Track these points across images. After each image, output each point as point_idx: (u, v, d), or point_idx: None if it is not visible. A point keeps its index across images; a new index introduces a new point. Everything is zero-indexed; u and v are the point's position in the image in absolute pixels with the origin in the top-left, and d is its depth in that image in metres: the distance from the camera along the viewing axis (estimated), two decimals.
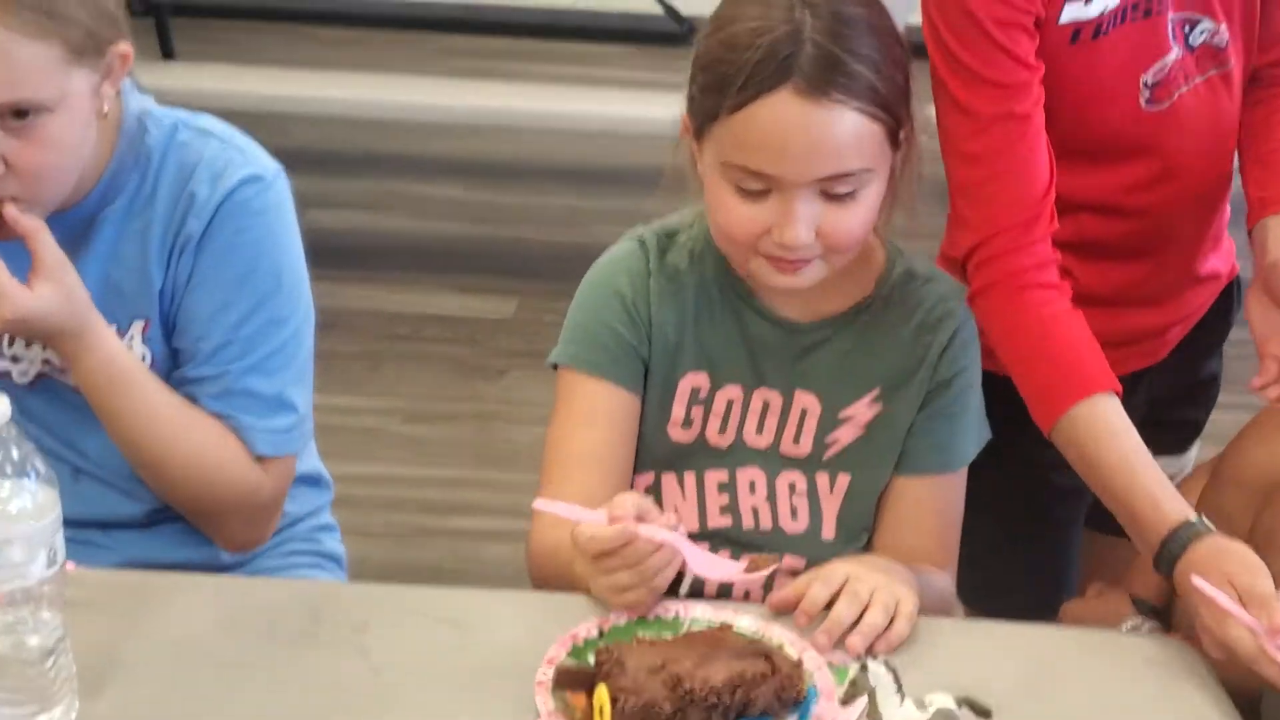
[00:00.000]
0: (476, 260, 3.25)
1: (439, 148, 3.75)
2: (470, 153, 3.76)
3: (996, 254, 1.13)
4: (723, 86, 1.04)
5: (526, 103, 3.24)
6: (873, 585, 1.01)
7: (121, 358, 1.11)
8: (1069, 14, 1.16)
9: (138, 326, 1.15)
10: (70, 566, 0.90)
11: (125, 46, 1.07)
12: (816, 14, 1.03)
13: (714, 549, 1.13)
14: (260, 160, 1.16)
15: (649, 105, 2.06)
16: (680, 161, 1.14)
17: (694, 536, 1.08)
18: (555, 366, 1.19)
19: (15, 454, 0.84)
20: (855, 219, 1.05)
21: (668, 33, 3.22)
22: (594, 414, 1.17)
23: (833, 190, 1.04)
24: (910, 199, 1.13)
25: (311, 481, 1.33)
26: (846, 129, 1.03)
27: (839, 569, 1.02)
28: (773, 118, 1.02)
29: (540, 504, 1.05)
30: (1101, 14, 1.18)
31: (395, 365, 2.71)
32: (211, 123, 1.17)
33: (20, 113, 1.00)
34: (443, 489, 2.33)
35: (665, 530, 0.98)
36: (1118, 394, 1.11)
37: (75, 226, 1.11)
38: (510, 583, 1.63)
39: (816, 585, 1.00)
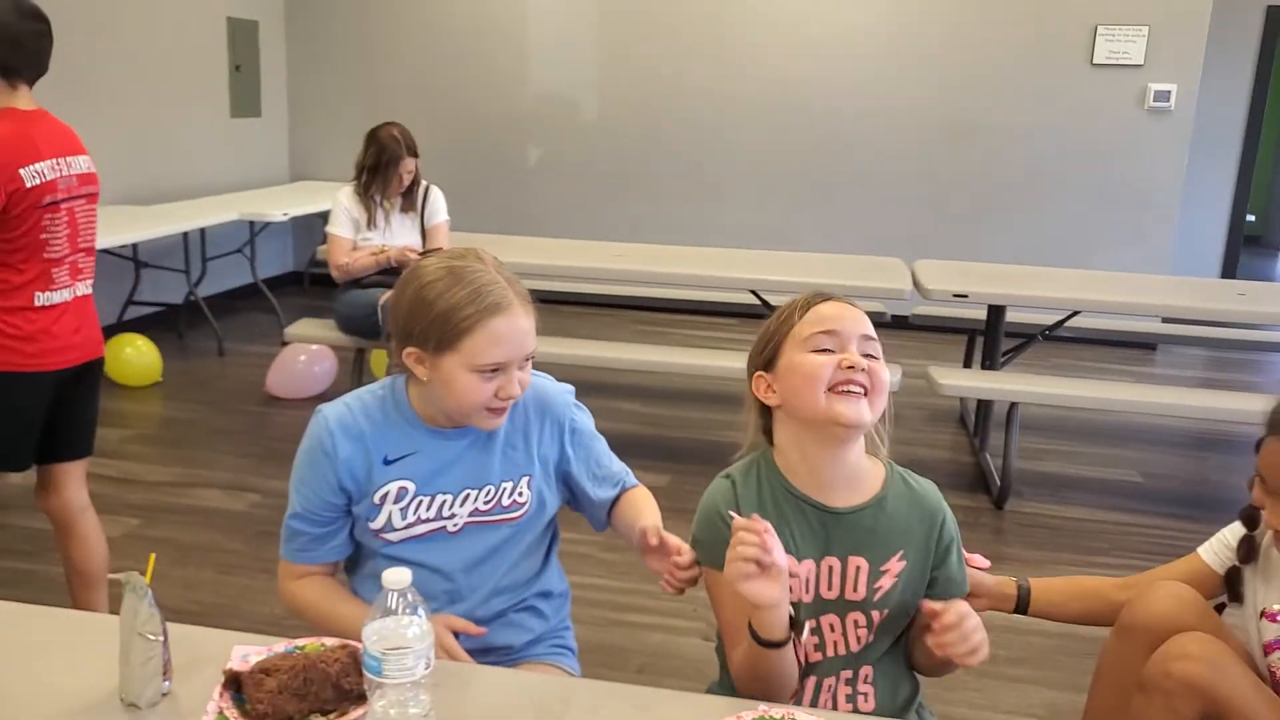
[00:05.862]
0: (642, 446, 3.89)
1: (636, 379, 4.54)
2: (647, 381, 4.60)
3: None
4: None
5: (679, 358, 3.89)
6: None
7: None
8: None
9: (525, 480, 1.35)
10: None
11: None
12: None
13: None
14: (566, 386, 1.43)
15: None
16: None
17: None
18: None
19: (411, 599, 0.95)
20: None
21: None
22: None
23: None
24: None
25: (563, 593, 1.49)
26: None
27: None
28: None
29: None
30: None
31: None
32: (540, 375, 1.38)
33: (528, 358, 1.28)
34: (624, 595, 2.65)
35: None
36: None
37: (482, 435, 1.34)
38: (661, 655, 2.19)
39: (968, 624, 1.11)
